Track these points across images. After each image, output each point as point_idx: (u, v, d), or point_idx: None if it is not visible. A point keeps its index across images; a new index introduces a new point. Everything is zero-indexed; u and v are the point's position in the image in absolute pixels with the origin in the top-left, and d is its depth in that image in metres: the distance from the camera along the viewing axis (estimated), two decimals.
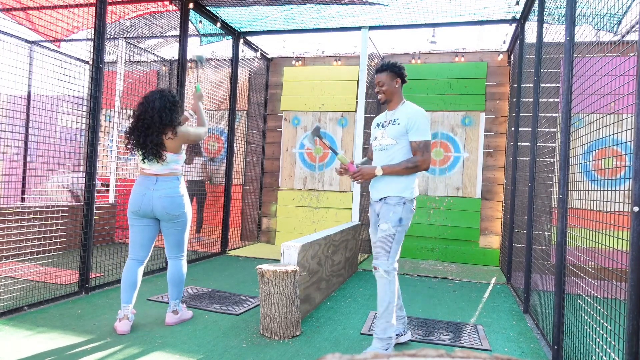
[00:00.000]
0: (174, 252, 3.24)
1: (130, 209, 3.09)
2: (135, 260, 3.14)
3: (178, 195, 3.09)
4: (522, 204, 4.37)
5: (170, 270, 3.24)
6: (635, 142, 1.77)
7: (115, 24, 5.51)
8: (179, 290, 3.25)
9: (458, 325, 3.46)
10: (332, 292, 4.27)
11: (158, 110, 2.96)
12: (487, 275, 5.39)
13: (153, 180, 3.06)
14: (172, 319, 3.21)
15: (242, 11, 5.52)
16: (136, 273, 3.11)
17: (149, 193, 3.03)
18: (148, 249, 3.18)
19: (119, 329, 2.95)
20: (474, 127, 6.25)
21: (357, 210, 5.62)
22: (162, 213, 3.05)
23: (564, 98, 2.70)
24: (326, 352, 2.81)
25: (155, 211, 3.05)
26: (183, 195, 3.13)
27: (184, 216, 3.14)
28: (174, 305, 3.23)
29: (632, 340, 1.75)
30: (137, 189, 3.08)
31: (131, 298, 3.06)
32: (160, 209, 3.03)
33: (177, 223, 3.14)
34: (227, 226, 6.14)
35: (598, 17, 2.49)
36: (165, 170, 3.07)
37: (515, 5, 4.91)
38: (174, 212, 3.07)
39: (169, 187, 3.06)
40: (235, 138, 6.32)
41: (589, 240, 2.36)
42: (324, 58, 6.98)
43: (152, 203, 3.03)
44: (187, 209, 3.16)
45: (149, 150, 2.97)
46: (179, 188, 3.11)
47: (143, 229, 3.11)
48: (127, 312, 3.01)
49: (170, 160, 3.07)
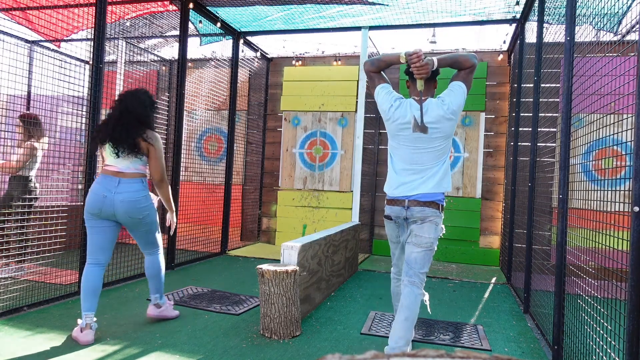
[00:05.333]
0: (147, 249, 3.15)
1: (88, 211, 2.87)
2: (95, 264, 2.91)
3: (141, 198, 2.91)
4: (522, 204, 4.37)
5: (146, 265, 3.17)
6: (636, 142, 1.77)
7: (115, 24, 5.51)
8: (157, 283, 3.17)
9: (458, 325, 3.46)
10: (332, 292, 4.27)
11: (142, 103, 2.92)
12: (487, 275, 5.39)
13: (115, 181, 2.86)
14: (153, 311, 3.18)
15: (242, 11, 5.52)
16: (97, 278, 2.89)
17: (110, 195, 2.83)
18: (109, 252, 2.97)
19: (82, 339, 2.74)
20: (474, 127, 6.25)
21: (357, 210, 5.62)
22: (124, 217, 2.88)
23: (564, 98, 2.69)
24: (326, 352, 2.81)
25: (117, 215, 2.86)
26: (147, 197, 2.96)
27: (148, 217, 2.97)
28: (154, 299, 3.19)
29: (633, 340, 1.75)
30: (96, 188, 2.86)
31: (94, 305, 2.86)
32: (123, 212, 2.85)
33: (142, 225, 2.98)
34: (227, 226, 6.14)
35: (598, 17, 2.49)
36: (132, 169, 2.92)
37: (515, 5, 4.91)
38: (137, 215, 2.90)
39: (131, 190, 2.87)
40: (235, 138, 6.32)
41: (589, 240, 2.36)
42: (324, 58, 6.98)
43: (114, 206, 2.84)
44: (151, 210, 3.00)
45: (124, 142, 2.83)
46: (142, 190, 2.93)
47: (104, 231, 2.91)
48: (90, 321, 2.80)
49: (140, 159, 2.95)
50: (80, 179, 4.64)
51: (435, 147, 2.58)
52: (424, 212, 2.53)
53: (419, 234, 2.55)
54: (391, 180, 2.68)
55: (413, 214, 2.55)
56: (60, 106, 4.24)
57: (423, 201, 2.53)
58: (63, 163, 4.11)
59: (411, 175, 2.59)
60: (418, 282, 2.56)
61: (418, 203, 2.53)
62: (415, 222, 2.56)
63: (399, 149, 2.66)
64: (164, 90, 6.67)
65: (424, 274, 2.61)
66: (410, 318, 2.52)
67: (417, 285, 2.56)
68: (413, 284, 2.56)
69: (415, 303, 2.54)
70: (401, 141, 2.63)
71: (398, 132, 2.64)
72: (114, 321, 3.18)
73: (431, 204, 2.54)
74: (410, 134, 2.58)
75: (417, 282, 2.56)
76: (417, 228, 2.55)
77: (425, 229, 2.55)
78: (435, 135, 2.56)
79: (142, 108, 2.92)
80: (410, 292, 2.55)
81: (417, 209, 2.53)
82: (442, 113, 2.55)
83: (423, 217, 2.54)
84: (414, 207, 2.54)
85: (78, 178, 5.04)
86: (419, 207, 2.53)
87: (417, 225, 2.56)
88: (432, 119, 2.55)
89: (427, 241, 2.55)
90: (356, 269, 5.33)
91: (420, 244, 2.55)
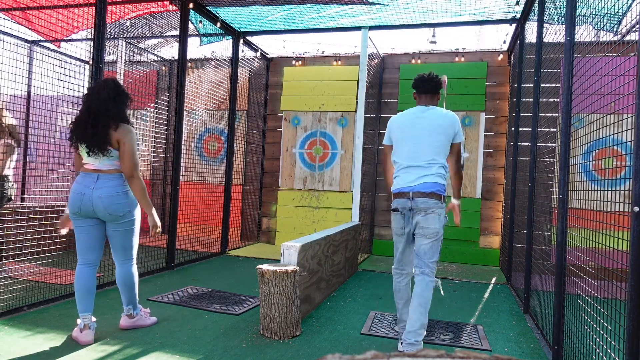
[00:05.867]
0: (119, 257, 2.99)
1: (70, 210, 2.86)
2: (85, 265, 2.89)
3: (120, 194, 2.85)
4: (522, 204, 4.37)
5: (117, 275, 3.01)
6: (636, 142, 1.77)
7: (115, 24, 5.51)
8: (130, 295, 3.05)
9: (458, 325, 3.46)
10: (332, 292, 4.27)
11: (104, 101, 2.82)
12: (487, 275, 5.39)
13: (94, 177, 2.83)
14: (126, 322, 3.07)
15: (242, 11, 5.52)
16: (89, 278, 2.87)
17: (88, 192, 2.80)
18: (97, 251, 2.93)
19: (82, 340, 2.76)
20: (474, 127, 6.25)
21: (357, 210, 5.62)
22: (104, 213, 2.83)
23: (564, 98, 2.69)
24: (326, 352, 2.81)
25: (96, 211, 2.81)
26: (126, 193, 2.89)
27: (129, 216, 2.90)
28: (127, 310, 3.07)
29: (633, 340, 1.75)
30: (75, 187, 2.84)
31: (90, 306, 2.85)
32: (102, 209, 2.80)
33: (122, 224, 2.90)
34: (227, 226, 6.14)
35: (598, 17, 2.49)
36: (108, 166, 2.86)
37: (515, 5, 4.91)
38: (117, 212, 2.84)
39: (110, 186, 2.83)
40: (235, 138, 6.32)
41: (589, 241, 2.36)
42: (324, 58, 6.98)
43: (92, 203, 2.79)
44: (132, 208, 2.93)
45: (94, 142, 2.78)
46: (121, 186, 2.87)
47: (88, 230, 2.88)
48: (88, 322, 2.82)
49: (115, 155, 2.85)
50: None
51: (433, 143, 2.81)
52: (427, 203, 2.73)
53: (424, 226, 2.75)
54: (397, 175, 2.90)
55: (417, 205, 2.75)
56: (60, 106, 4.24)
57: (426, 192, 2.74)
58: (63, 163, 4.11)
59: (414, 169, 2.82)
60: (428, 271, 2.76)
61: (422, 194, 2.74)
62: (420, 212, 2.76)
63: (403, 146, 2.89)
64: (164, 90, 6.67)
65: (434, 263, 2.79)
66: (423, 304, 2.71)
67: (428, 274, 2.76)
68: (424, 273, 2.76)
69: (427, 289, 2.74)
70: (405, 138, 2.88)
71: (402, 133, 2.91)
72: (114, 321, 3.18)
73: (432, 195, 2.74)
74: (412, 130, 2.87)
75: (428, 271, 2.76)
76: (422, 220, 2.75)
77: (429, 220, 2.74)
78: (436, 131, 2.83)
79: (105, 105, 2.82)
80: (422, 280, 2.75)
81: (420, 200, 2.74)
82: (442, 122, 2.86)
83: (426, 207, 2.74)
84: (417, 198, 2.75)
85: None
86: (423, 198, 2.74)
87: (421, 216, 2.75)
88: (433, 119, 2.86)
89: (433, 231, 2.75)
90: (356, 269, 5.33)
91: (427, 235, 2.75)
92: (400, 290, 2.92)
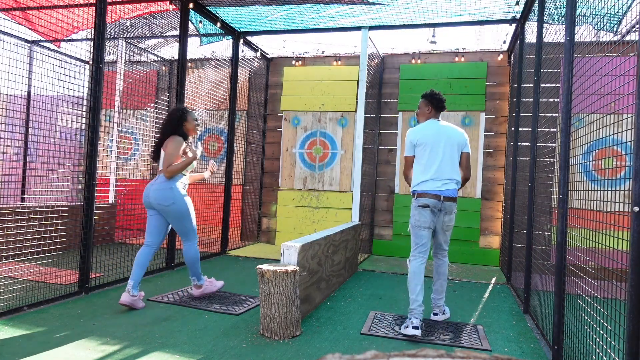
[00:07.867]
0: (182, 239, 3.74)
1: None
2: (146, 245, 3.62)
3: (166, 189, 3.53)
4: (522, 204, 4.37)
5: (183, 252, 3.78)
6: (636, 142, 1.77)
7: (115, 24, 5.51)
8: (192, 269, 3.74)
9: (458, 325, 3.46)
10: (332, 292, 4.27)
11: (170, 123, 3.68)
12: (487, 275, 5.39)
13: (156, 176, 3.64)
14: (196, 291, 3.81)
15: (242, 11, 5.52)
16: (144, 256, 3.56)
17: (149, 187, 3.59)
18: (156, 236, 3.62)
19: (120, 300, 3.41)
20: (474, 127, 6.25)
21: (357, 210, 5.62)
22: (156, 204, 3.54)
23: (564, 98, 2.69)
24: (326, 352, 2.81)
25: (152, 203, 3.55)
26: (172, 189, 3.54)
27: (173, 206, 3.53)
28: (192, 281, 3.79)
29: (633, 340, 1.75)
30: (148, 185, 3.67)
31: (136, 275, 3.47)
32: (153, 200, 3.54)
33: (170, 213, 3.55)
34: (227, 226, 6.14)
35: (598, 17, 2.49)
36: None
37: (515, 5, 4.91)
38: (163, 202, 3.51)
39: (160, 182, 3.56)
40: (235, 138, 6.32)
41: (589, 240, 2.36)
42: (324, 58, 6.98)
43: (149, 195, 3.56)
44: (177, 200, 3.54)
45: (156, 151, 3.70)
46: (167, 182, 3.55)
47: (150, 218, 3.64)
48: (129, 287, 3.42)
49: None
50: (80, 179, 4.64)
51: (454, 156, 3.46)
52: (452, 206, 3.45)
53: (449, 224, 3.51)
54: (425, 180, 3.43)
55: (446, 207, 3.42)
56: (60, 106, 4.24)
57: (453, 197, 3.43)
58: (63, 163, 4.11)
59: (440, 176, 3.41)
60: (446, 254, 3.63)
61: (449, 199, 3.42)
62: (447, 213, 3.45)
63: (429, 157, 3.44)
64: (164, 90, 6.67)
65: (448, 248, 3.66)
66: (442, 278, 3.59)
67: (445, 256, 3.62)
68: (444, 256, 3.61)
69: (446, 268, 3.63)
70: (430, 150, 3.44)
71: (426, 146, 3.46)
72: (114, 321, 3.18)
73: (455, 199, 3.46)
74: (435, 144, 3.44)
75: (445, 254, 3.62)
76: (448, 219, 3.48)
77: (452, 218, 3.52)
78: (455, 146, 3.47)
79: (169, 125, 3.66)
80: (443, 263, 3.61)
81: (448, 204, 3.42)
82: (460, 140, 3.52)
83: (451, 210, 3.46)
84: (446, 202, 3.41)
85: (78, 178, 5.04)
86: (449, 202, 3.43)
87: (448, 216, 3.47)
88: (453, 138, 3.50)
89: (452, 226, 3.58)
90: (356, 269, 5.33)
91: (449, 229, 3.56)
92: (420, 273, 3.38)
